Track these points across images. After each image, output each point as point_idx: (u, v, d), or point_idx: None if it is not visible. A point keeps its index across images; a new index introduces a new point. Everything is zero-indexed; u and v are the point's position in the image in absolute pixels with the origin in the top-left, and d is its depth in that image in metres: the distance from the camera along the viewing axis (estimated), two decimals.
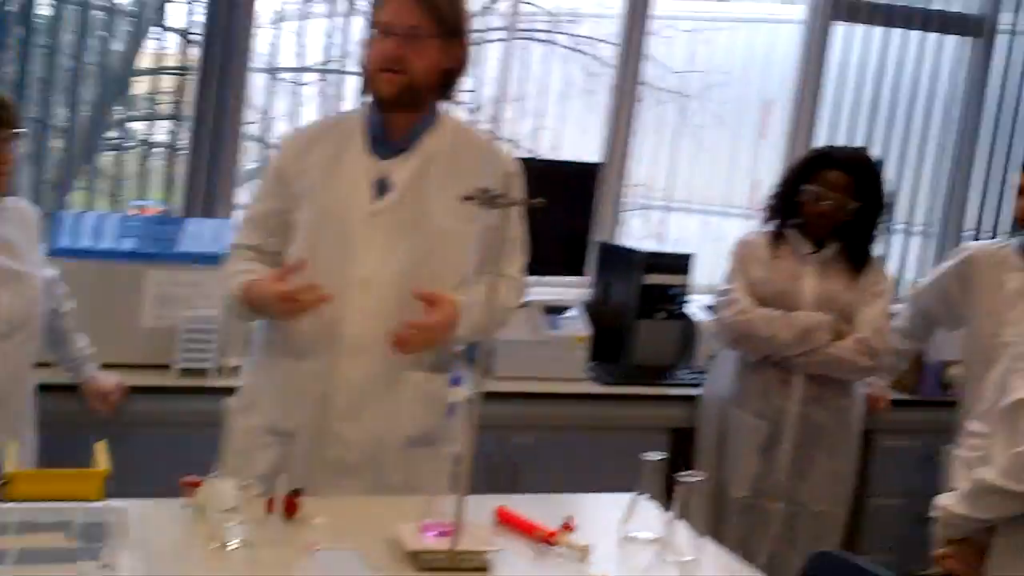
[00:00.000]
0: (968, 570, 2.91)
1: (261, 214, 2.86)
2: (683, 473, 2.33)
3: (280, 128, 4.69)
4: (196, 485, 2.19)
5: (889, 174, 5.25)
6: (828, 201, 3.69)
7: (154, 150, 4.57)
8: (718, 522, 3.76)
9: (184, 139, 4.45)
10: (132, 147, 4.64)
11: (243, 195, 4.61)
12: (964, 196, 5.59)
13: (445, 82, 2.76)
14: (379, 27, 2.69)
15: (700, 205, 5.40)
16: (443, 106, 2.84)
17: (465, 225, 2.63)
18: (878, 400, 4.22)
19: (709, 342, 4.33)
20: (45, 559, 1.82)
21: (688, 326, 4.54)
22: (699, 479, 2.34)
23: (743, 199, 5.31)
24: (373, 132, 2.78)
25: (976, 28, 5.49)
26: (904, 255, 5.58)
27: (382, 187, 2.73)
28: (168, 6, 4.51)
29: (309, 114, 4.67)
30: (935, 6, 5.46)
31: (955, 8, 5.51)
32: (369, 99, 2.81)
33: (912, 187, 5.54)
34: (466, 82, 3.01)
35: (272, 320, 2.78)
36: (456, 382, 2.34)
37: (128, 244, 3.90)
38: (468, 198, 2.25)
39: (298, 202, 2.77)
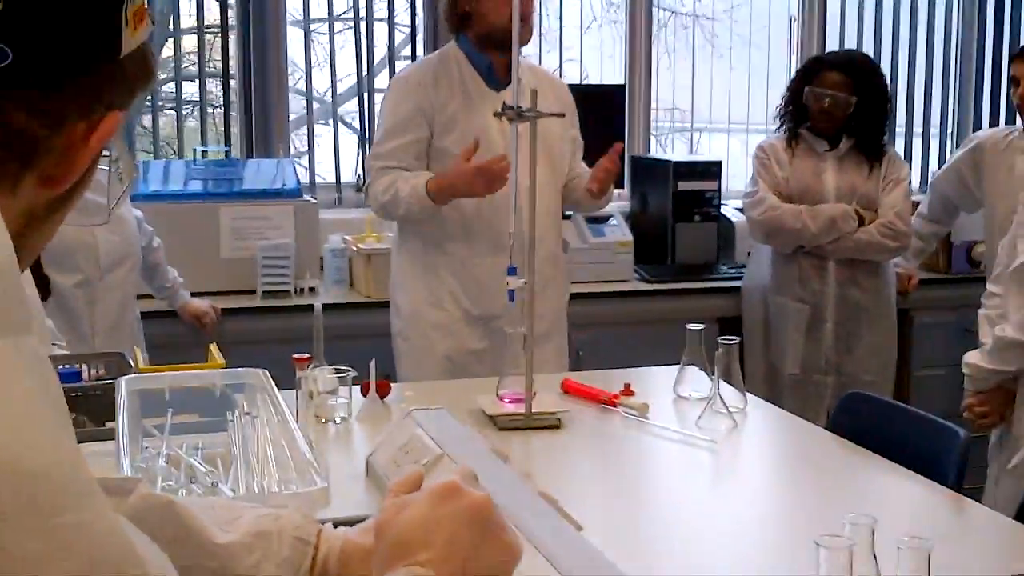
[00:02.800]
0: (995, 414, 3.21)
1: (405, 144, 3.37)
2: (723, 337, 2.61)
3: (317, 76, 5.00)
4: (305, 361, 2.49)
5: (901, 82, 5.46)
6: (829, 99, 3.95)
7: (209, 98, 4.87)
8: (774, 400, 4.03)
9: (234, 87, 4.75)
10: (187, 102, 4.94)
11: (295, 137, 4.92)
12: (979, 95, 5.73)
13: None
14: None
15: (725, 124, 5.58)
16: None
17: (564, 136, 3.50)
18: (908, 279, 4.45)
19: (745, 239, 4.60)
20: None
21: (724, 226, 4.80)
22: (736, 341, 2.61)
23: (766, 117, 5.47)
24: (483, 71, 3.38)
25: None
26: (924, 158, 5.74)
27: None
28: None
29: (344, 63, 4.95)
30: None
31: None
32: (452, 45, 3.43)
33: (925, 94, 5.69)
34: None
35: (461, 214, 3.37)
36: (512, 272, 2.60)
37: (198, 186, 4.23)
38: (499, 113, 2.63)
39: (444, 130, 3.36)
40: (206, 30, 4.83)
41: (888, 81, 4.34)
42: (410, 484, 1.12)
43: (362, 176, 4.89)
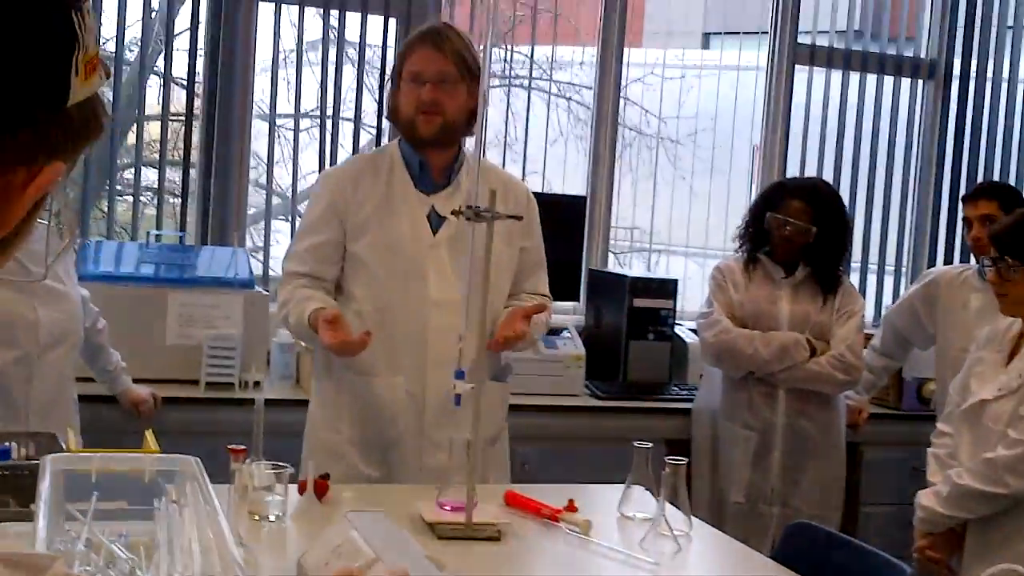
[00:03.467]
0: (944, 557, 3.17)
1: (315, 245, 3.08)
2: (671, 457, 2.57)
3: (279, 171, 4.98)
4: (240, 452, 2.42)
5: (859, 215, 5.51)
6: (790, 227, 3.96)
7: (168, 186, 4.84)
8: (718, 528, 3.97)
9: (194, 176, 4.73)
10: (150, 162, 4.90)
11: (253, 231, 4.88)
12: (934, 233, 5.80)
13: (469, 120, 3.04)
14: (409, 76, 3.00)
15: (683, 247, 5.62)
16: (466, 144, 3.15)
17: (507, 248, 3.07)
18: (859, 412, 4.44)
19: (698, 361, 4.57)
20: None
21: (677, 346, 4.78)
22: (684, 462, 2.57)
23: (724, 241, 5.50)
24: (414, 171, 3.09)
25: (929, 71, 5.75)
26: (879, 292, 5.78)
27: (435, 219, 3.05)
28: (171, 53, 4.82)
29: (308, 159, 4.95)
30: (890, 51, 5.70)
31: (908, 53, 5.77)
32: (395, 142, 3.15)
33: (882, 228, 5.75)
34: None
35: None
36: (460, 376, 2.56)
37: (149, 270, 4.16)
38: (456, 212, 2.59)
39: (356, 234, 3.05)
40: (171, 118, 4.82)
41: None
42: None
43: None
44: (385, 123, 4.88)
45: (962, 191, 5.62)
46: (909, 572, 2.37)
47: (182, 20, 4.81)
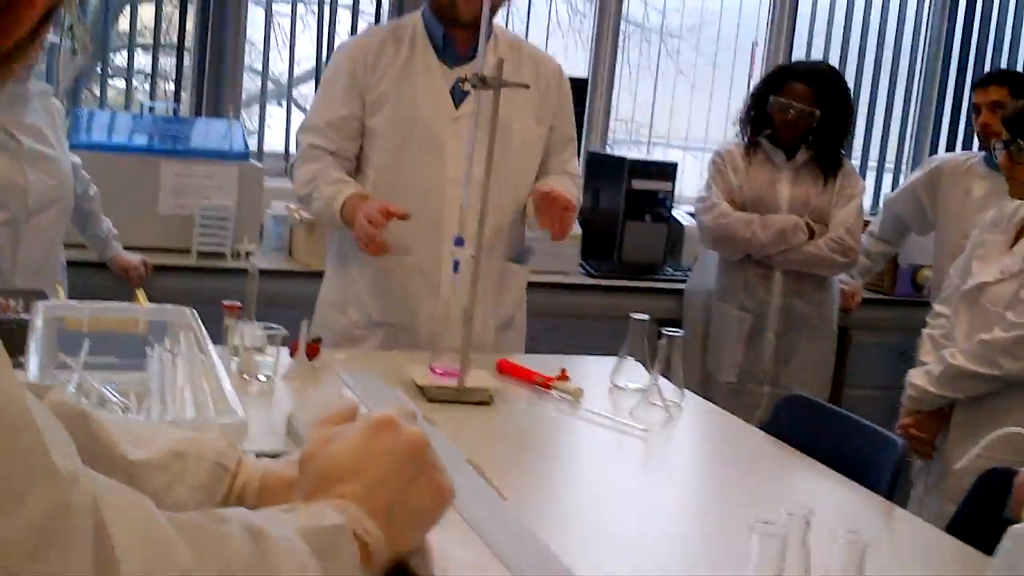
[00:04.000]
0: (928, 436, 3.19)
1: (337, 119, 2.95)
2: (667, 328, 2.56)
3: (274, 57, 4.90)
4: (235, 309, 2.40)
5: (862, 106, 5.45)
6: (793, 110, 3.91)
7: (162, 71, 4.75)
8: None
9: (188, 62, 4.65)
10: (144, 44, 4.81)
11: (246, 116, 4.81)
12: (938, 124, 5.75)
13: None
14: None
15: (682, 141, 5.55)
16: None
17: (535, 126, 2.99)
18: (852, 296, 4.44)
19: (694, 244, 4.56)
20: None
21: (674, 228, 4.76)
22: (681, 334, 2.56)
23: (724, 135, 5.41)
24: (438, 43, 2.95)
25: None
26: (878, 181, 5.76)
27: (459, 93, 2.92)
28: None
29: (304, 45, 4.86)
30: None
31: None
32: (416, 13, 3.01)
33: (885, 118, 5.71)
34: None
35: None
36: (459, 243, 2.54)
37: (142, 140, 4.11)
38: (462, 80, 2.49)
39: (374, 108, 2.92)
40: (166, 1, 4.72)
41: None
42: (342, 416, 1.05)
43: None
44: (384, 10, 4.80)
45: (968, 80, 5.57)
46: (900, 443, 2.37)
47: None
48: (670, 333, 2.53)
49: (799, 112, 3.90)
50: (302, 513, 0.92)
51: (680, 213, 4.82)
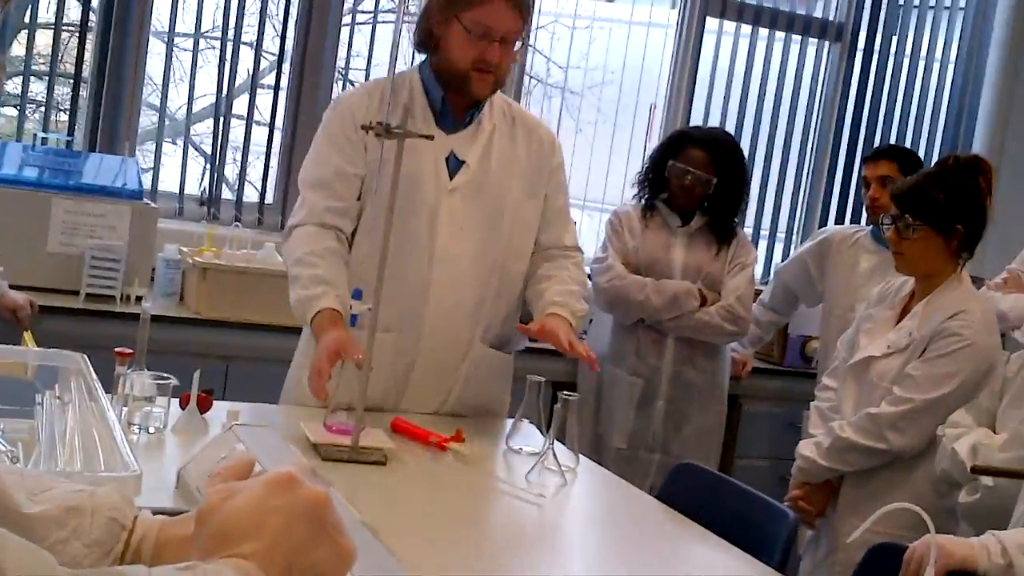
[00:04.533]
0: (816, 508, 3.23)
1: (340, 175, 2.79)
2: (564, 392, 2.55)
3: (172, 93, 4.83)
4: (127, 356, 2.33)
5: (755, 175, 5.55)
6: (691, 176, 3.95)
7: (57, 101, 4.65)
8: None
9: (83, 97, 4.54)
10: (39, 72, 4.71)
11: (140, 153, 4.73)
12: (828, 196, 5.87)
13: None
14: (477, 28, 2.69)
15: (580, 201, 5.57)
16: None
17: (529, 198, 2.89)
18: (743, 365, 4.48)
19: (589, 304, 4.55)
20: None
21: None
22: (577, 397, 2.55)
23: (621, 196, 5.40)
24: (436, 106, 2.82)
25: (837, 34, 5.82)
26: (770, 250, 5.85)
27: (453, 162, 2.82)
28: None
29: (203, 82, 4.79)
30: (800, 11, 5.74)
31: (817, 14, 5.82)
32: (413, 71, 2.87)
33: (777, 188, 5.81)
34: None
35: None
36: (357, 296, 2.51)
37: (32, 173, 4.00)
38: (366, 128, 2.44)
39: (371, 168, 2.76)
40: (64, 28, 4.62)
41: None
42: (236, 470, 1.02)
43: (207, 190, 4.73)
44: (288, 51, 4.76)
45: (859, 155, 5.71)
46: (792, 516, 2.39)
47: None
48: (567, 396, 2.53)
49: (696, 178, 3.94)
50: (200, 572, 0.89)
51: None
